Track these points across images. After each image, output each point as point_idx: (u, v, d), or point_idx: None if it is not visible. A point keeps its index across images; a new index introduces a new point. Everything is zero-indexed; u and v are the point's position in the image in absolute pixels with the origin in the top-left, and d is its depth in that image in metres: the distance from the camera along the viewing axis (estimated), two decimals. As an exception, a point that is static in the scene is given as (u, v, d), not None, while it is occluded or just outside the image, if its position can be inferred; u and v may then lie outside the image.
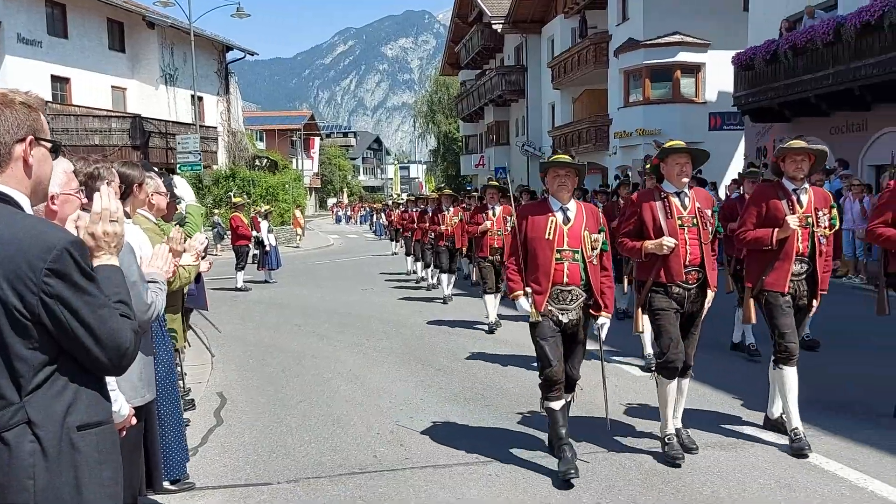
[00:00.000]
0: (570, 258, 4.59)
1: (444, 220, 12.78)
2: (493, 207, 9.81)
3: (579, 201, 4.82)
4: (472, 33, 41.59)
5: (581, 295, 4.62)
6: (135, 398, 2.93)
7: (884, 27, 13.78)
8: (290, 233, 30.49)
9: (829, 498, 4.13)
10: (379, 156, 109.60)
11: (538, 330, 4.59)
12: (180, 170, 25.02)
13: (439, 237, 12.80)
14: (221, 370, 7.73)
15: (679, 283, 4.74)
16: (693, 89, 25.29)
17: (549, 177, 4.69)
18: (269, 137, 56.79)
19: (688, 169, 4.77)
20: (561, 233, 4.60)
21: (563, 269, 4.57)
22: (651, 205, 4.81)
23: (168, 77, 29.43)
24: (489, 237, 9.64)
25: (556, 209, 4.67)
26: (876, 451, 4.79)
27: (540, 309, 4.55)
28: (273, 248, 16.07)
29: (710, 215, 4.84)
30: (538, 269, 4.60)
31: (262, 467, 4.85)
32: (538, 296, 4.58)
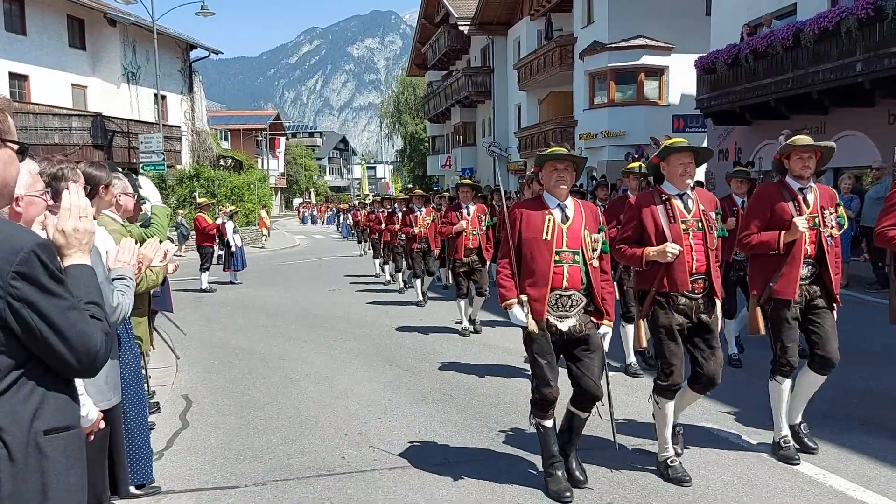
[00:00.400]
0: (569, 260, 4.22)
1: (417, 221, 12.15)
2: (466, 206, 9.37)
3: (577, 199, 4.48)
4: (439, 34, 41.65)
5: (581, 300, 4.25)
6: (101, 402, 2.89)
7: (841, 33, 14.13)
8: (256, 233, 30.22)
9: (788, 493, 4.23)
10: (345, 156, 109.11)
11: (536, 345, 4.19)
12: (143, 169, 24.64)
13: (412, 240, 12.21)
14: (187, 372, 7.64)
15: (685, 294, 4.36)
16: (657, 92, 25.64)
17: (545, 171, 4.33)
18: (233, 137, 56.20)
19: (692, 169, 4.44)
20: (560, 232, 4.22)
21: (562, 273, 4.19)
22: (652, 208, 4.44)
23: (130, 75, 28.96)
24: (464, 238, 9.19)
25: (554, 206, 4.30)
26: (834, 447, 4.92)
27: (540, 318, 4.15)
28: (238, 248, 15.92)
29: (714, 218, 4.51)
30: (535, 273, 4.20)
31: (228, 470, 4.81)
32: (535, 303, 4.17)
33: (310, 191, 76.79)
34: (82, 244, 1.95)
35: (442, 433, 5.46)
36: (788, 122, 17.29)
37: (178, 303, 8.87)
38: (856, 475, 4.44)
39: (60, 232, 1.93)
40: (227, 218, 16.01)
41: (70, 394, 1.85)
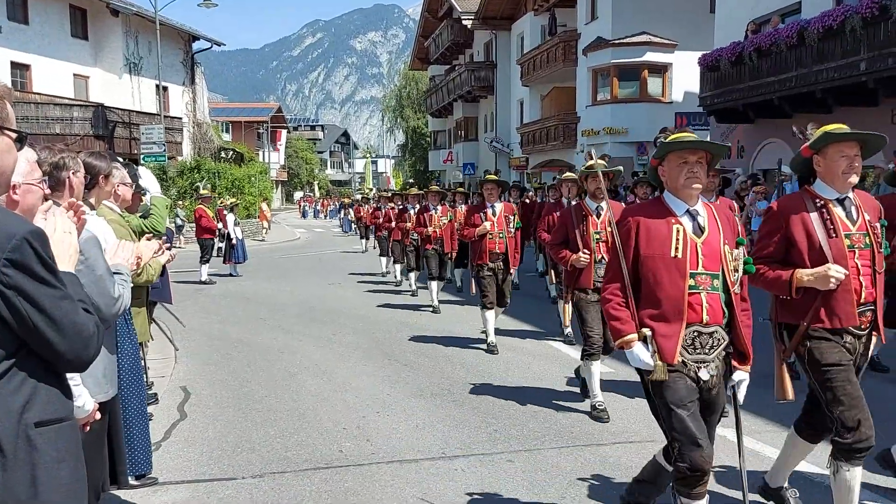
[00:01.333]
0: (707, 286, 3.15)
1: (431, 220, 11.12)
2: (492, 206, 8.14)
3: (706, 200, 3.37)
4: (442, 28, 41.54)
5: (723, 339, 3.20)
6: (99, 394, 2.88)
7: (845, 32, 14.08)
8: (256, 226, 30.20)
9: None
10: (347, 150, 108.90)
11: (670, 391, 3.12)
12: (144, 160, 24.62)
13: (426, 240, 11.19)
14: (185, 364, 7.64)
15: (850, 330, 3.40)
16: (660, 89, 25.59)
17: (670, 164, 3.22)
18: (235, 129, 56.11)
19: (858, 164, 3.34)
20: (693, 248, 3.15)
21: (700, 303, 3.14)
22: (804, 217, 3.41)
23: (132, 66, 28.90)
24: (489, 241, 7.95)
25: (681, 213, 3.21)
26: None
27: (672, 360, 3.12)
28: (239, 241, 15.90)
29: (879, 230, 3.51)
30: (663, 303, 3.15)
31: (226, 462, 4.80)
32: (665, 340, 3.13)
33: (311, 184, 76.71)
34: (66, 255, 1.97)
35: (440, 427, 5.46)
36: (792, 121, 17.24)
37: (177, 294, 8.87)
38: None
39: None
40: (227, 210, 15.99)
41: (62, 386, 1.83)
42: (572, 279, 5.85)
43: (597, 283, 5.51)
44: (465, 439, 5.19)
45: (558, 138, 28.86)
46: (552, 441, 5.11)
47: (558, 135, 28.93)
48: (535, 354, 7.87)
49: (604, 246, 5.70)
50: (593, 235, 5.78)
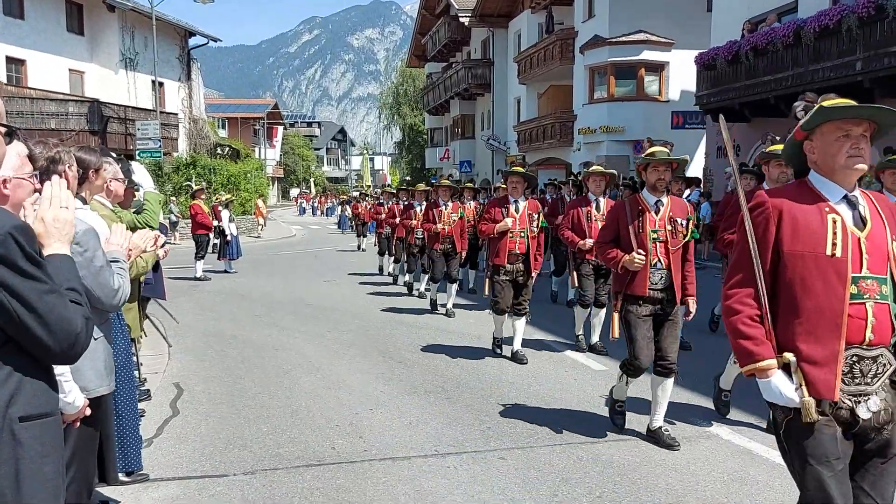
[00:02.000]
0: (875, 294, 2.42)
1: (441, 217, 10.32)
2: (516, 201, 7.41)
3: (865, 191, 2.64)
4: (439, 25, 41.48)
5: (890, 364, 2.46)
6: (101, 387, 2.86)
7: (842, 31, 14.10)
8: (252, 222, 30.15)
9: (779, 490, 4.22)
10: (343, 147, 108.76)
11: (812, 443, 2.43)
12: (139, 156, 24.55)
13: (433, 239, 10.46)
14: (179, 361, 7.62)
15: None
16: (657, 88, 25.59)
17: (825, 136, 2.51)
18: (231, 125, 56.05)
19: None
20: (856, 246, 2.45)
21: (865, 317, 2.41)
22: None
23: (128, 61, 28.81)
24: (509, 240, 7.26)
25: (837, 199, 2.51)
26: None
27: (832, 395, 2.41)
28: (234, 237, 15.87)
29: None
30: (812, 316, 2.44)
31: (218, 459, 4.79)
32: (818, 370, 2.42)
33: (308, 181, 76.59)
34: (62, 234, 1.93)
35: (433, 425, 5.45)
36: (788, 120, 17.27)
37: (171, 291, 8.83)
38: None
39: (40, 220, 1.91)
40: (222, 206, 15.95)
41: (48, 380, 1.82)
42: (623, 284, 5.02)
43: (652, 290, 4.94)
44: (458, 437, 5.18)
45: (555, 136, 28.85)
46: (545, 439, 5.11)
47: (555, 133, 28.92)
48: (529, 353, 7.85)
49: (662, 247, 4.96)
50: (650, 234, 4.95)
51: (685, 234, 5.01)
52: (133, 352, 5.71)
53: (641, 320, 4.94)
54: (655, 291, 4.94)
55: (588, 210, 7.74)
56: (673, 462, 4.66)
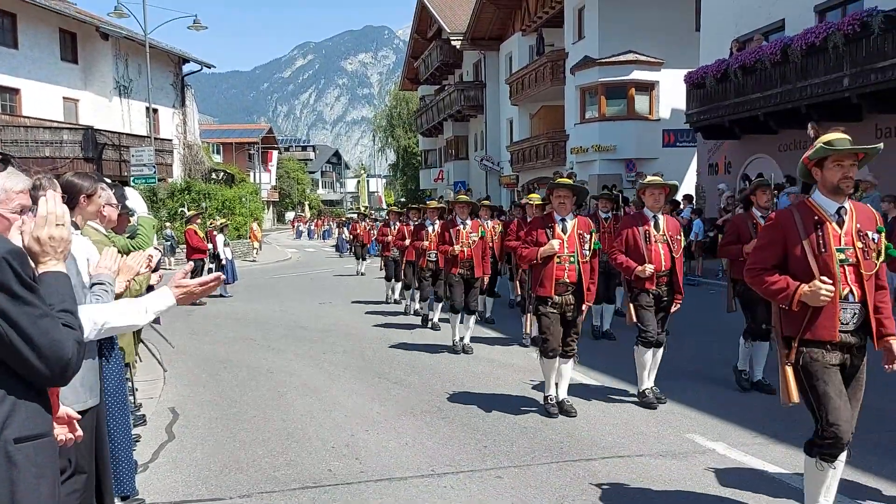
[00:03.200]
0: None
1: (459, 237, 9.03)
2: (563, 219, 6.16)
3: None
4: (431, 49, 41.84)
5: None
6: (75, 403, 2.86)
7: (828, 48, 14.28)
8: (247, 246, 30.16)
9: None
10: (338, 170, 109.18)
11: None
12: (134, 182, 24.59)
13: (451, 263, 9.11)
14: (174, 385, 7.60)
15: None
16: (647, 106, 25.80)
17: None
18: (226, 151, 56.17)
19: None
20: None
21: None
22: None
23: (122, 89, 28.94)
24: (556, 266, 6.01)
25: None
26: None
27: None
28: (229, 261, 15.88)
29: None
30: None
31: (213, 483, 4.78)
32: None
33: (303, 204, 76.69)
34: (57, 252, 1.95)
35: (429, 445, 5.44)
36: (777, 137, 17.44)
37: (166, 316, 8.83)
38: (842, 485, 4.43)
39: (35, 239, 1.92)
40: (217, 231, 15.98)
41: (42, 402, 1.83)
42: (799, 326, 3.57)
43: (843, 333, 3.56)
44: (454, 456, 5.17)
45: (548, 156, 29.01)
46: (541, 457, 5.11)
47: (548, 152, 29.09)
48: (525, 370, 7.85)
49: (852, 272, 3.54)
50: (836, 255, 3.52)
51: (879, 252, 3.63)
52: (128, 377, 5.71)
53: (830, 373, 3.56)
54: (846, 334, 3.58)
55: (646, 229, 6.32)
56: (670, 479, 4.66)
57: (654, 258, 6.28)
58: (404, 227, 12.78)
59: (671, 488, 4.49)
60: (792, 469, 4.72)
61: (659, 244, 6.31)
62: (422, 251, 10.88)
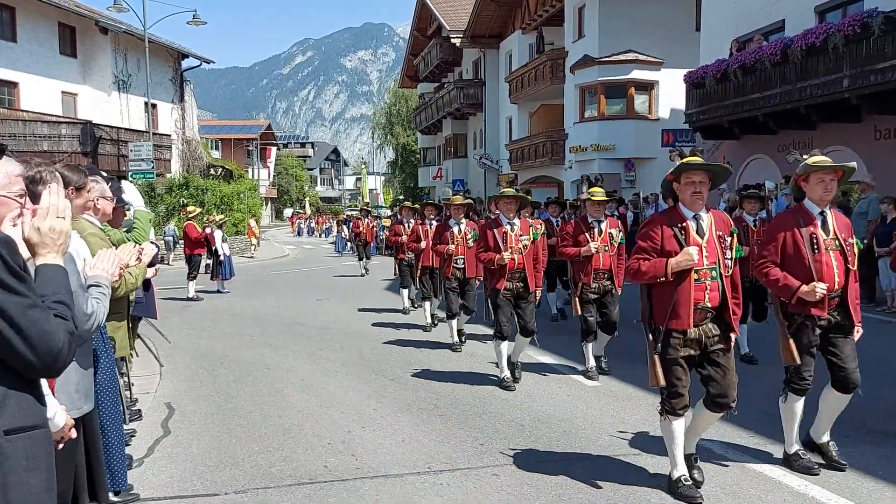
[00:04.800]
0: None
1: (508, 240, 6.86)
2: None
3: None
4: (431, 47, 41.78)
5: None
6: (72, 410, 2.85)
7: (828, 49, 14.27)
8: (245, 243, 30.12)
9: (771, 502, 4.21)
10: (337, 167, 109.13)
11: None
12: (132, 177, 24.55)
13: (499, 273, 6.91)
14: (170, 380, 7.58)
15: None
16: (647, 106, 25.79)
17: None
18: (224, 146, 56.12)
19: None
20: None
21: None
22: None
23: (121, 83, 28.89)
24: (694, 284, 4.30)
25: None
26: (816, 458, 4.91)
27: None
28: (227, 257, 15.85)
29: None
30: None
31: (209, 478, 4.76)
32: None
33: (302, 201, 76.59)
34: (57, 244, 1.93)
35: (426, 442, 5.43)
36: (776, 137, 17.43)
37: (164, 311, 8.83)
38: (837, 486, 4.43)
39: (36, 230, 1.91)
40: (215, 227, 15.94)
41: (34, 393, 1.81)
42: None
43: None
44: (451, 453, 5.16)
45: (546, 155, 28.99)
46: (538, 455, 5.10)
47: (546, 151, 29.07)
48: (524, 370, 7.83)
49: None
50: None
51: None
52: (124, 371, 5.69)
53: None
54: None
55: (811, 232, 4.59)
56: (666, 478, 4.65)
57: (825, 274, 4.50)
58: (419, 227, 10.73)
59: (667, 487, 4.47)
60: (788, 468, 4.71)
61: (830, 252, 4.55)
62: (447, 256, 8.99)
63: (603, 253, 7.17)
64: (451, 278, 9.04)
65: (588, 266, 7.19)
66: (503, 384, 7.01)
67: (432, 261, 10.21)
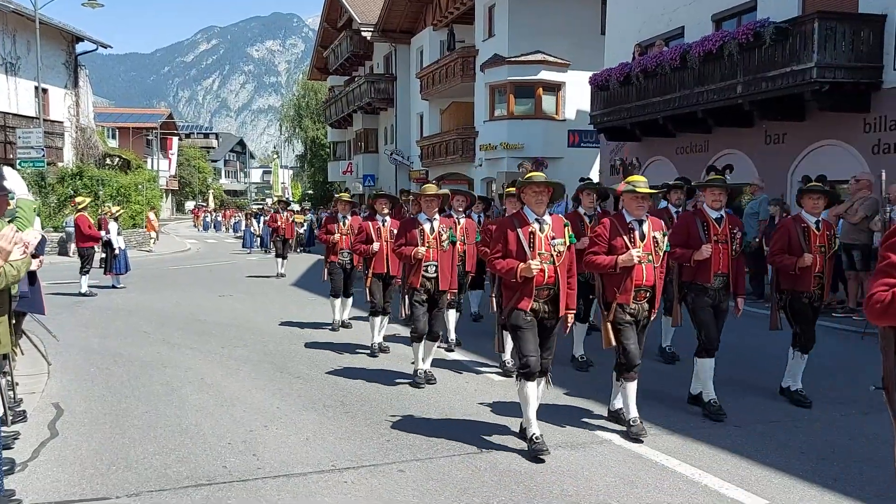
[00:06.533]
0: None
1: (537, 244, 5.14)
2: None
3: None
4: (342, 39, 41.28)
5: None
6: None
7: (724, 56, 14.91)
8: (143, 236, 28.93)
9: (666, 492, 4.36)
10: (242, 159, 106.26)
11: None
12: (21, 165, 23.16)
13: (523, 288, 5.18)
14: (59, 380, 7.17)
15: None
16: (554, 106, 26.30)
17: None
18: (122, 135, 53.69)
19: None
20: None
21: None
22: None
23: (9, 66, 27.13)
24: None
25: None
26: (710, 447, 5.13)
27: None
28: (122, 251, 15.15)
29: None
30: None
31: (99, 481, 4.52)
32: None
33: (205, 193, 74.18)
34: None
35: (331, 440, 5.34)
36: (675, 140, 18.11)
37: (53, 307, 8.35)
38: (728, 474, 4.63)
39: None
40: (111, 218, 15.21)
41: None
42: None
43: None
44: (356, 450, 5.09)
45: (457, 152, 29.14)
46: (444, 450, 5.09)
47: (457, 148, 29.22)
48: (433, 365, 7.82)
49: None
50: None
51: None
52: (6, 370, 5.34)
53: None
54: None
55: None
56: (567, 468, 4.74)
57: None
58: (368, 224, 8.30)
59: (568, 477, 4.56)
60: (683, 458, 4.88)
61: None
62: (414, 262, 6.88)
63: (646, 264, 5.40)
64: (420, 289, 6.88)
65: (627, 281, 5.38)
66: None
67: (388, 266, 8.15)
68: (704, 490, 4.40)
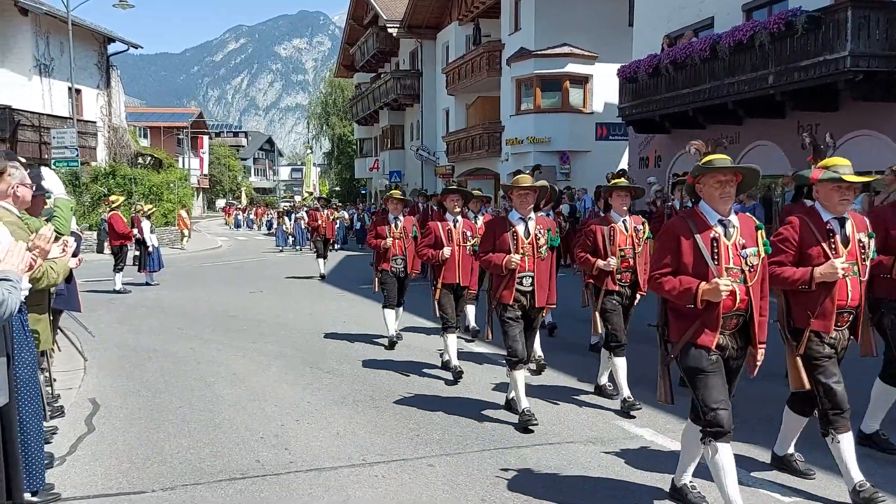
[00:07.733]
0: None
1: (718, 254, 3.92)
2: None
3: None
4: (368, 36, 41.40)
5: None
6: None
7: (754, 46, 14.71)
8: (175, 234, 29.34)
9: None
10: (271, 157, 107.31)
11: None
12: (55, 165, 23.60)
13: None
14: (95, 376, 7.31)
15: None
16: (581, 100, 26.13)
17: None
18: (153, 135, 54.48)
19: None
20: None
21: None
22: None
23: (42, 67, 27.64)
24: None
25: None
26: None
27: None
28: (155, 248, 15.39)
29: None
30: None
31: (135, 475, 4.60)
32: None
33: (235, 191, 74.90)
34: None
35: (361, 434, 5.38)
36: (705, 132, 17.90)
37: (89, 304, 8.50)
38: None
39: None
40: (143, 217, 15.44)
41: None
42: None
43: None
44: (386, 445, 5.13)
45: (483, 147, 29.11)
46: (473, 445, 5.11)
47: (483, 143, 29.18)
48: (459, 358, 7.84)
49: None
50: None
51: None
52: (44, 366, 5.46)
53: None
54: None
55: None
56: (598, 465, 4.73)
57: None
58: (436, 226, 7.31)
59: (600, 474, 4.55)
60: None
61: None
62: (507, 271, 5.55)
63: (851, 277, 4.43)
64: (514, 305, 5.60)
65: (827, 301, 4.38)
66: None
67: (459, 277, 7.25)
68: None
